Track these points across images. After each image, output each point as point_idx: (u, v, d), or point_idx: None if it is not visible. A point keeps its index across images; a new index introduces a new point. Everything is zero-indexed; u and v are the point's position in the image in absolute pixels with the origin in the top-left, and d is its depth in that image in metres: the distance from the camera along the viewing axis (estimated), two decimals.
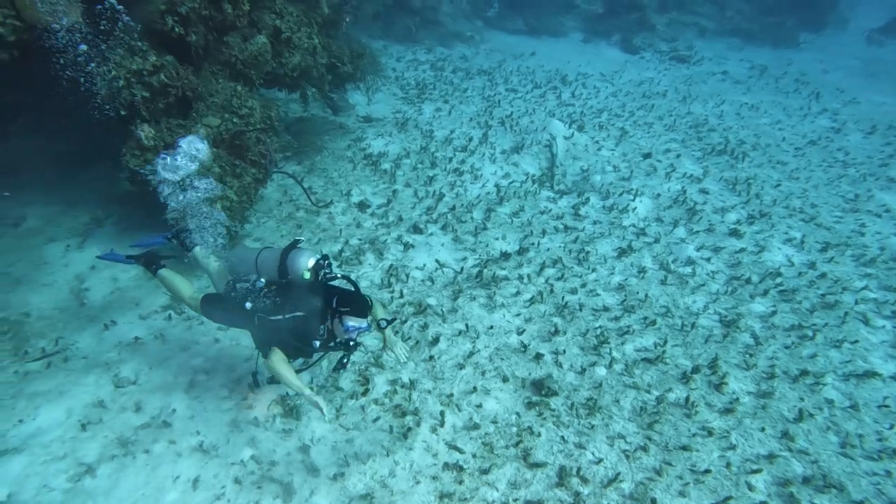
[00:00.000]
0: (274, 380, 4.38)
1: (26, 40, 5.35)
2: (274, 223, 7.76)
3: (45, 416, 4.89)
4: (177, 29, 6.19)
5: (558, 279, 7.13)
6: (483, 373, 5.68)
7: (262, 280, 4.38)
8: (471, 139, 10.74)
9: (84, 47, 5.62)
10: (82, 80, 5.89)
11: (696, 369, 5.85)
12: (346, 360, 4.50)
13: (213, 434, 4.87)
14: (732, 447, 5.07)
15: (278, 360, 4.19)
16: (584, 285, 7.07)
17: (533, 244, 7.77)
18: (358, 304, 4.20)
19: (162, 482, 4.47)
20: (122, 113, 6.09)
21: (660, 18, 19.99)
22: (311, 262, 4.29)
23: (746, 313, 6.75)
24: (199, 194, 5.51)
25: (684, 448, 5.02)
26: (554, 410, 5.31)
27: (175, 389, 5.24)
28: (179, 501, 4.34)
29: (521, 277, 7.09)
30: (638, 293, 6.98)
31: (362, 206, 8.34)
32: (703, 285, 7.21)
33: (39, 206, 7.21)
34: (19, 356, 5.42)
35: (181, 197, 5.44)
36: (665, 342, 6.22)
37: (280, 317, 4.26)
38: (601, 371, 5.80)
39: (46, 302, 6.05)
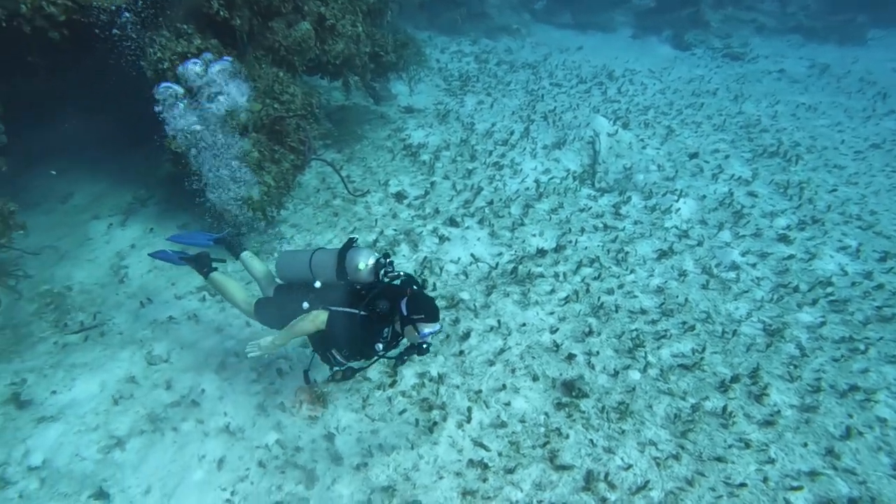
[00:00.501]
0: (336, 378, 4.35)
1: (76, 21, 5.48)
2: (311, 210, 7.81)
3: (80, 387, 5.05)
4: (222, 12, 6.26)
5: (595, 279, 6.97)
6: (513, 370, 5.59)
7: (319, 282, 4.28)
8: (512, 133, 10.61)
9: (128, 15, 5.73)
10: (131, 60, 6.05)
11: (735, 378, 5.63)
12: (406, 358, 4.30)
13: (240, 416, 4.93)
14: (771, 461, 4.86)
15: (311, 318, 4.06)
16: (621, 286, 6.89)
17: (570, 242, 7.61)
18: (431, 309, 3.96)
19: (188, 460, 4.54)
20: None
21: (714, 14, 19.35)
22: (371, 262, 4.15)
23: (793, 323, 6.46)
24: (221, 107, 5.48)
25: (719, 459, 4.83)
26: (584, 413, 5.18)
27: (205, 370, 5.32)
28: (204, 480, 4.41)
29: (556, 275, 6.96)
30: (677, 297, 6.77)
31: (399, 196, 8.32)
32: (746, 292, 6.94)
33: (86, 185, 7.44)
34: (60, 328, 5.61)
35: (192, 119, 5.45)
36: (704, 349, 6.00)
37: (341, 319, 4.06)
38: (635, 375, 5.64)
39: (88, 277, 6.24)
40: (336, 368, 4.34)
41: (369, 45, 9.18)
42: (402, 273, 4.26)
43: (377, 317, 3.98)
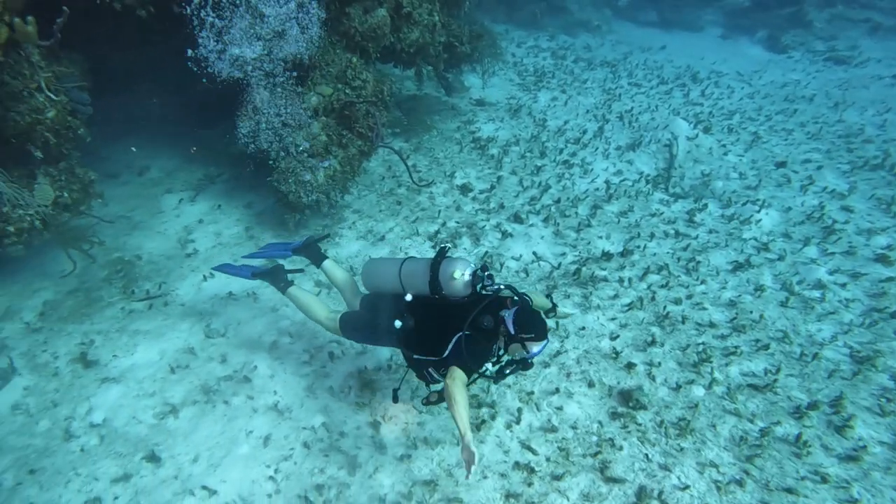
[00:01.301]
0: (431, 401, 3.96)
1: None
2: (375, 197, 7.89)
3: (141, 353, 5.29)
4: None
5: (662, 287, 6.68)
6: (568, 374, 5.43)
7: (410, 296, 4.03)
8: (585, 132, 10.35)
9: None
10: (212, 40, 6.26)
11: (813, 405, 5.25)
12: (508, 372, 3.91)
13: (290, 396, 5.02)
14: (853, 501, 4.48)
15: (461, 384, 3.63)
16: (690, 297, 6.58)
17: (639, 247, 7.34)
18: (541, 326, 3.67)
19: (236, 434, 4.66)
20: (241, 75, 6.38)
21: (819, 14, 18.17)
22: (468, 274, 3.88)
23: (887, 352, 5.96)
24: None
25: (789, 491, 4.51)
26: (640, 425, 4.97)
27: (259, 348, 5.46)
28: (249, 456, 4.51)
29: (621, 280, 6.72)
30: (752, 313, 6.39)
31: (465, 189, 8.27)
32: (832, 313, 6.46)
33: (162, 160, 7.80)
34: (127, 295, 5.91)
35: None
36: (778, 370, 5.63)
37: (441, 343, 3.81)
38: (699, 391, 5.36)
39: (156, 248, 6.54)
40: (433, 388, 4.07)
41: (444, 34, 9.18)
42: (501, 286, 3.94)
43: (482, 335, 3.72)
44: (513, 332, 3.61)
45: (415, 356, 4.07)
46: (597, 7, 18.26)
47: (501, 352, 3.86)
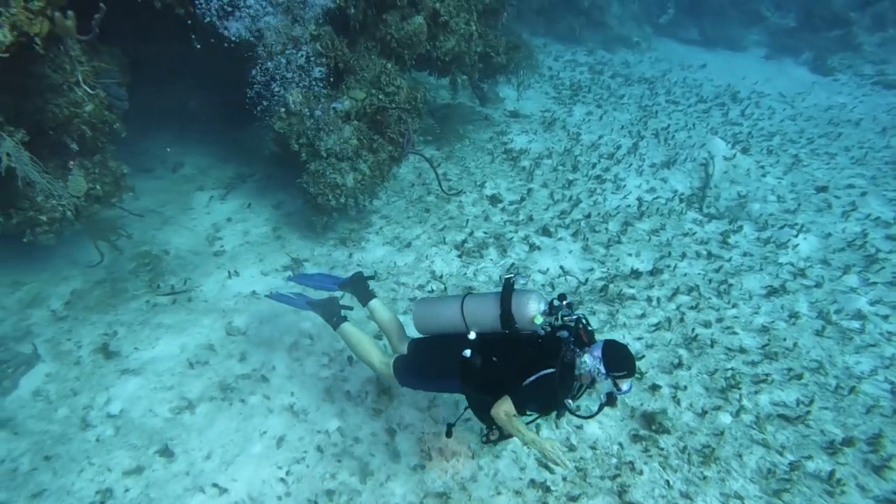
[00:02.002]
0: (492, 439, 3.82)
1: None
2: (403, 203, 7.87)
3: (162, 347, 5.32)
4: (338, 0, 6.42)
5: (692, 308, 6.50)
6: (591, 392, 5.29)
7: (474, 333, 3.79)
8: (619, 147, 10.21)
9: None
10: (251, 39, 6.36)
11: (849, 441, 5.01)
12: (597, 412, 3.66)
13: (306, 398, 4.98)
14: None
15: (509, 412, 3.51)
16: (720, 320, 6.38)
17: (669, 266, 7.16)
18: (631, 362, 3.42)
19: (250, 433, 4.64)
20: (276, 76, 6.45)
21: (870, 38, 17.68)
22: (545, 307, 3.63)
23: None
24: None
25: None
26: (663, 450, 4.80)
27: (279, 348, 5.45)
28: (262, 455, 4.48)
29: (649, 299, 6.56)
30: (785, 340, 6.16)
31: (494, 199, 8.21)
32: (873, 345, 6.20)
33: (195, 157, 7.92)
34: (152, 288, 5.97)
35: None
36: (811, 401, 5.41)
37: (533, 387, 3.53)
38: (725, 418, 5.16)
39: (184, 244, 6.62)
40: (494, 427, 3.80)
41: (481, 44, 9.16)
42: (581, 317, 3.62)
43: (569, 372, 3.45)
44: (604, 370, 3.34)
45: (482, 396, 3.78)
46: (638, 23, 18.09)
47: (583, 388, 3.60)
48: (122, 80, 5.92)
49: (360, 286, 4.71)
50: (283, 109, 6.58)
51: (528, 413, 3.66)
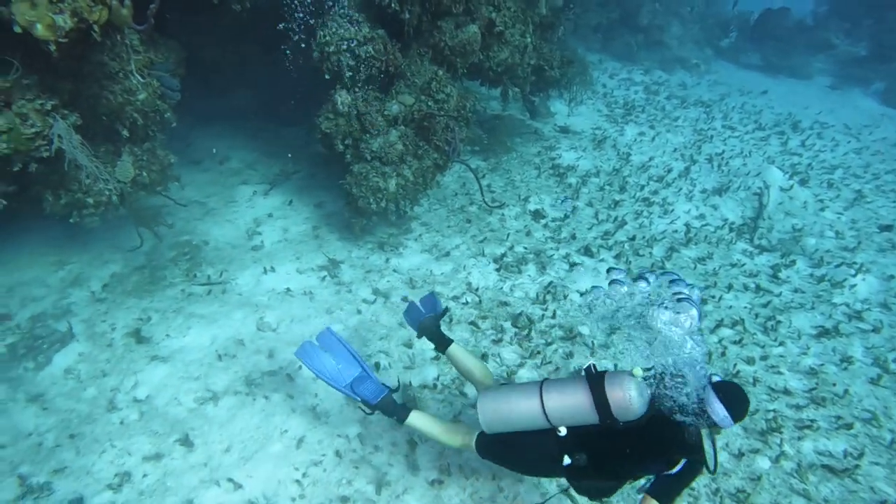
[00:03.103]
0: None
1: None
2: (444, 212, 7.81)
3: (192, 337, 5.36)
4: (394, 5, 6.43)
5: (735, 343, 6.21)
6: None
7: (564, 430, 3.34)
8: (669, 170, 9.94)
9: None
10: (303, 40, 6.44)
11: None
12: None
13: (329, 401, 4.93)
14: None
15: None
16: (765, 358, 6.07)
17: (713, 297, 6.88)
18: (748, 404, 3.05)
19: (271, 431, 4.61)
20: (327, 77, 6.49)
21: None
22: (648, 392, 3.13)
23: None
24: None
25: None
26: (693, 490, 4.56)
27: None
28: (281, 455, 4.44)
29: None
30: (835, 385, 5.81)
31: (537, 215, 8.07)
32: None
33: (242, 151, 8.05)
34: (189, 278, 6.05)
35: None
36: (861, 454, 5.06)
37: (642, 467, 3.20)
38: (764, 462, 4.88)
39: (224, 236, 6.70)
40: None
41: (534, 57, 9.08)
42: (684, 373, 3.06)
43: (699, 451, 3.07)
44: (732, 423, 2.95)
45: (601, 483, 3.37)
46: (698, 45, 17.73)
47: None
48: (177, 71, 6.05)
49: (432, 329, 4.27)
50: (330, 109, 6.61)
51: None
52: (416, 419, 3.99)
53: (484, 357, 5.52)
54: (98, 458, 4.26)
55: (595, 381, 3.20)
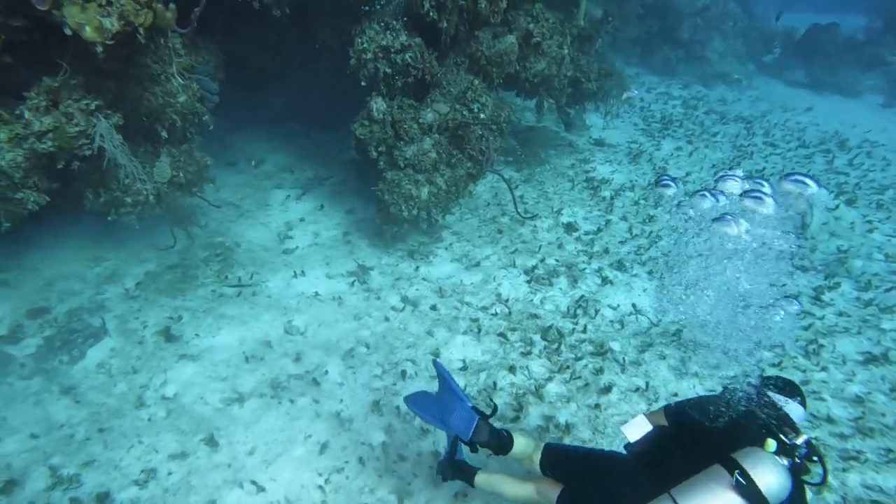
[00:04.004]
0: None
1: (302, 2, 6.01)
2: (476, 222, 7.79)
3: (221, 337, 5.44)
4: (431, 14, 6.46)
5: (773, 365, 6.03)
6: None
7: None
8: (707, 186, 9.75)
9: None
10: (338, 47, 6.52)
11: None
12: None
13: (355, 408, 4.93)
14: None
15: None
16: (806, 383, 5.87)
17: None
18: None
19: (295, 435, 4.62)
20: (363, 83, 6.56)
21: None
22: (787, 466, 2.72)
23: None
24: None
25: None
26: None
27: (334, 353, 5.44)
28: (303, 459, 4.44)
29: (726, 350, 6.13)
30: (884, 416, 5.59)
31: (570, 227, 8.00)
32: None
33: (277, 155, 8.18)
34: (220, 278, 6.14)
35: None
36: None
37: None
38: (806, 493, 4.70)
39: (256, 239, 6.79)
40: None
41: (571, 69, 9.05)
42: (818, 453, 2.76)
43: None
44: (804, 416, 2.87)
45: None
46: (740, 60, 17.44)
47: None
48: (216, 75, 6.19)
49: (489, 433, 3.76)
50: (365, 116, 6.67)
51: None
52: (485, 480, 3.83)
53: (512, 370, 5.46)
54: (126, 454, 4.33)
55: (743, 480, 2.59)
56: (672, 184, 3.43)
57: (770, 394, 2.93)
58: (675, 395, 5.45)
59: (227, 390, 4.93)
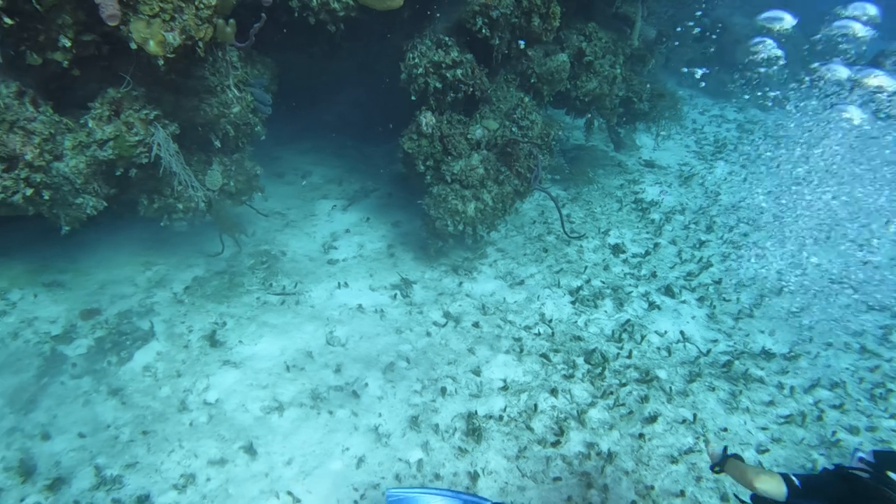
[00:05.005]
0: None
1: (352, 18, 6.10)
2: (521, 239, 7.74)
3: (264, 345, 5.51)
4: (484, 31, 6.47)
5: (834, 407, 5.75)
6: (698, 479, 4.79)
7: None
8: (763, 213, 9.47)
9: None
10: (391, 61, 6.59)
11: None
12: None
13: (393, 423, 4.91)
14: None
15: None
16: (872, 429, 5.58)
17: (809, 353, 6.43)
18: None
19: (333, 447, 4.62)
20: (413, 98, 6.61)
21: None
22: None
23: None
24: None
25: None
26: None
27: (374, 366, 5.44)
28: (340, 473, 4.43)
29: (780, 386, 5.90)
30: None
31: (617, 249, 7.86)
32: None
33: (325, 167, 8.31)
34: (265, 286, 6.24)
35: None
36: None
37: None
38: None
39: (301, 248, 6.89)
40: None
41: (623, 88, 8.95)
42: None
43: None
44: None
45: None
46: (801, 85, 16.96)
47: None
48: (270, 87, 6.34)
49: None
50: (414, 130, 6.71)
51: None
52: None
53: (553, 392, 5.36)
54: (167, 458, 4.40)
55: None
56: None
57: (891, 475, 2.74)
58: (725, 430, 5.25)
59: (268, 399, 4.97)
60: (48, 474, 4.20)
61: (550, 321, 6.31)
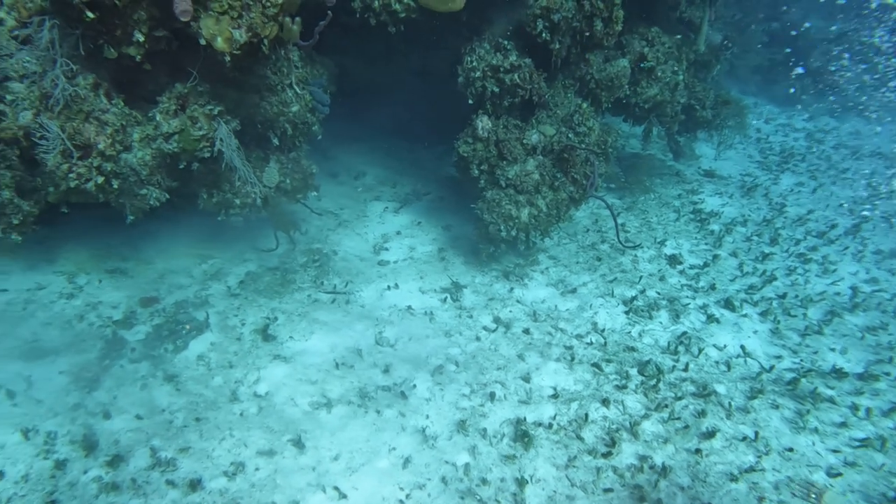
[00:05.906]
0: None
1: (412, 20, 6.20)
2: (574, 247, 7.68)
3: (314, 341, 5.63)
4: (544, 35, 6.46)
5: None
6: (761, 499, 4.61)
7: None
8: (833, 226, 9.12)
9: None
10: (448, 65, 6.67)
11: None
12: None
13: (440, 425, 4.92)
14: None
15: None
16: None
17: (888, 374, 6.13)
18: None
19: (379, 446, 4.67)
20: (470, 101, 6.66)
21: None
22: None
23: None
24: None
25: None
26: None
27: (423, 368, 5.48)
28: (386, 472, 4.46)
29: (854, 407, 5.63)
30: None
31: (673, 260, 7.70)
32: None
33: (378, 169, 8.46)
34: (316, 284, 6.38)
35: None
36: None
37: None
38: None
39: (353, 248, 7.02)
40: None
41: (685, 95, 8.80)
42: None
43: None
44: None
45: None
46: (877, 90, 16.24)
47: None
48: (328, 87, 6.50)
49: None
50: (470, 134, 6.75)
51: None
52: None
53: (605, 402, 5.27)
54: (218, 445, 4.53)
55: None
56: None
57: None
58: (791, 450, 5.05)
59: (317, 395, 5.07)
60: (108, 451, 4.40)
61: (603, 331, 6.22)
